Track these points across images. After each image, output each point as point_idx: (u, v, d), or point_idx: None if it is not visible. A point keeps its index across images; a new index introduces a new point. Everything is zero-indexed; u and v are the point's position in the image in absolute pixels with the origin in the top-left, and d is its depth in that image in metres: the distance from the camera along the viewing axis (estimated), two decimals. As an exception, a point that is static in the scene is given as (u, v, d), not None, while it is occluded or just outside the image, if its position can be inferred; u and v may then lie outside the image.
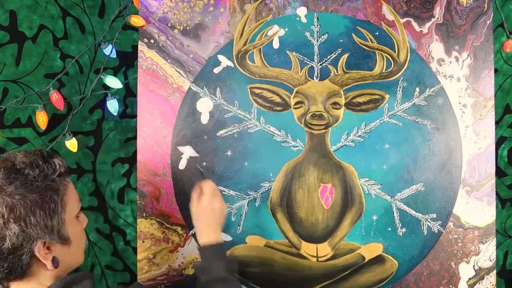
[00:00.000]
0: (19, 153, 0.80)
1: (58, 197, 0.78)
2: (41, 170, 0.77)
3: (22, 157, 0.78)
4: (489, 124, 1.27)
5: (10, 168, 0.75)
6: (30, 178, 0.75)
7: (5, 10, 1.27)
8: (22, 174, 0.75)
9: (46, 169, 0.77)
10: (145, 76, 1.24)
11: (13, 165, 0.76)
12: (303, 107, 1.24)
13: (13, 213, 0.72)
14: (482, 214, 1.27)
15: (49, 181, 0.77)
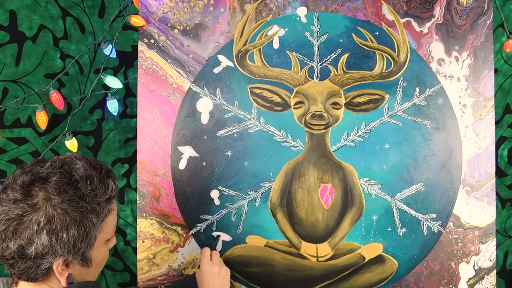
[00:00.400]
0: (80, 160, 0.77)
1: (98, 221, 0.76)
2: (93, 189, 0.75)
3: (81, 167, 0.75)
4: (489, 124, 1.27)
5: (65, 176, 0.73)
6: (79, 194, 0.73)
7: (5, 10, 1.27)
8: (73, 187, 0.73)
9: (98, 189, 0.75)
10: (145, 76, 1.24)
11: (69, 173, 0.74)
12: (303, 107, 1.24)
13: (49, 224, 0.71)
14: (482, 214, 1.27)
15: (95, 203, 0.75)
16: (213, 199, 1.24)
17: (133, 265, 1.34)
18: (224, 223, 1.25)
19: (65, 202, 0.72)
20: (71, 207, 0.72)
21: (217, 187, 1.24)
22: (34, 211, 0.71)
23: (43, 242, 0.72)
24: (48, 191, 0.72)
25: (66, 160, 0.77)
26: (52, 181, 0.72)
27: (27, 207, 0.71)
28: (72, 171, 0.75)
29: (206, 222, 1.25)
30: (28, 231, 0.71)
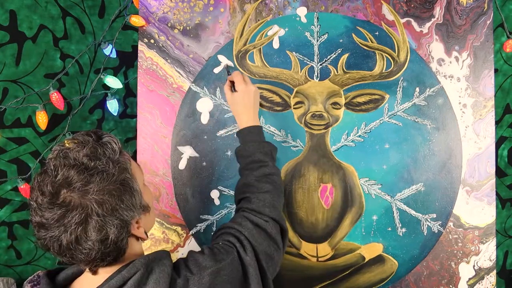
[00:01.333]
0: (70, 143, 0.76)
1: (129, 174, 0.77)
2: (106, 157, 0.75)
3: (79, 148, 0.75)
4: (489, 124, 1.27)
5: (79, 167, 0.72)
6: (102, 168, 0.73)
7: (5, 10, 1.27)
8: (93, 169, 0.73)
9: (108, 153, 0.76)
10: (145, 76, 1.24)
11: (78, 162, 0.73)
12: (303, 107, 1.24)
13: (105, 208, 0.72)
14: (482, 214, 1.27)
15: (117, 163, 0.76)
16: (213, 199, 1.24)
17: (133, 265, 1.33)
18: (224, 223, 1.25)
19: (98, 184, 0.72)
20: (106, 182, 0.73)
21: (217, 187, 1.24)
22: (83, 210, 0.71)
23: (114, 224, 0.73)
24: (76, 188, 0.71)
25: (60, 153, 0.76)
26: (73, 179, 0.72)
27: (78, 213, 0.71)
28: (77, 158, 0.74)
29: (206, 222, 1.25)
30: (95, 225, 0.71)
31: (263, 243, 0.91)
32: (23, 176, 1.26)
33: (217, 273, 0.81)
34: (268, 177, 1.02)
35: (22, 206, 1.31)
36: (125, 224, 0.75)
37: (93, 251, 0.72)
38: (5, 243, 1.31)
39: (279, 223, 0.96)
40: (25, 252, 1.32)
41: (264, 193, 0.99)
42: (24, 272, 1.32)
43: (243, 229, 0.91)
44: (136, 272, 0.75)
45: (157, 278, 0.75)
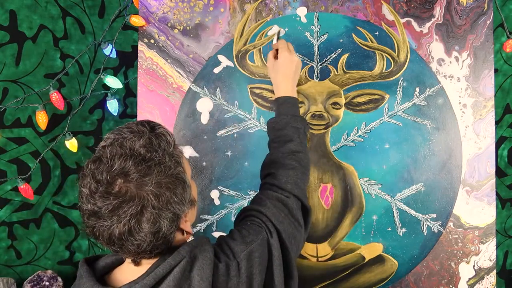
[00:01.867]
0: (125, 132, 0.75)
1: (182, 167, 0.76)
2: (162, 149, 0.74)
3: (135, 138, 0.73)
4: (489, 124, 1.27)
5: (136, 157, 0.71)
6: (158, 161, 0.72)
7: (5, 10, 1.27)
8: (150, 160, 0.71)
9: (163, 145, 0.74)
10: (145, 76, 1.24)
11: (135, 152, 0.72)
12: (303, 107, 1.24)
13: (161, 201, 0.70)
14: (482, 214, 1.27)
15: (172, 156, 0.75)
16: (213, 199, 1.24)
17: (133, 265, 1.34)
18: (224, 223, 1.25)
19: (156, 176, 0.71)
20: (162, 175, 0.71)
21: (217, 187, 1.24)
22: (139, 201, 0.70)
23: (167, 217, 0.72)
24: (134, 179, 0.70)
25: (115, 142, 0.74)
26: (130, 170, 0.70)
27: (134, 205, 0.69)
28: (134, 148, 0.72)
29: (206, 222, 1.25)
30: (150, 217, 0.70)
31: (284, 221, 0.89)
32: (23, 176, 1.26)
33: (249, 256, 0.81)
34: (294, 154, 1.00)
35: (22, 206, 1.31)
36: (176, 218, 0.74)
37: (145, 243, 0.71)
38: (5, 243, 1.31)
39: (301, 200, 0.95)
40: (25, 252, 1.32)
41: (288, 170, 0.97)
42: (24, 272, 1.32)
43: (264, 209, 0.90)
44: (181, 260, 0.74)
45: (201, 264, 0.75)
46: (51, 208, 1.32)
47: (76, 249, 1.33)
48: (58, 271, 1.31)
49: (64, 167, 1.31)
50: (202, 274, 0.74)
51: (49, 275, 1.28)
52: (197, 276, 0.74)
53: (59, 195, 1.32)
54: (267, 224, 0.88)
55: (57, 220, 1.32)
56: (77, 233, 1.33)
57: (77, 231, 1.33)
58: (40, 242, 1.32)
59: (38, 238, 1.32)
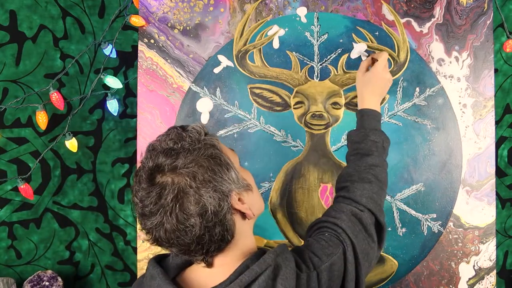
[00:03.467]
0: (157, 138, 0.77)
1: (219, 151, 0.76)
2: (191, 138, 0.74)
3: (164, 137, 0.75)
4: (489, 124, 1.27)
5: (166, 151, 0.73)
6: (187, 146, 0.73)
7: (5, 10, 1.27)
8: (179, 148, 0.73)
9: (193, 135, 0.75)
10: (145, 76, 1.24)
11: (165, 147, 0.73)
12: (303, 107, 1.24)
13: (197, 179, 0.70)
14: (482, 214, 1.27)
15: (203, 141, 0.75)
16: (213, 199, 1.24)
17: (133, 265, 1.34)
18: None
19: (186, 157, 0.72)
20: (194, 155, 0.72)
21: None
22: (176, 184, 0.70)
23: (209, 195, 0.71)
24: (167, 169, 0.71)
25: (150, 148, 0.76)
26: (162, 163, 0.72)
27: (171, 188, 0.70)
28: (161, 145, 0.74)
29: (206, 222, 1.25)
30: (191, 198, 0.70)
31: (359, 236, 0.86)
32: (23, 176, 1.26)
33: (330, 268, 0.78)
34: (372, 168, 0.97)
35: (22, 206, 1.31)
36: (223, 196, 0.72)
37: (196, 227, 0.70)
38: (5, 243, 1.31)
39: (375, 215, 0.91)
40: (25, 252, 1.32)
41: (364, 183, 0.94)
42: (24, 272, 1.32)
43: (339, 221, 0.86)
44: (267, 268, 0.72)
45: (284, 273, 0.73)
46: (51, 208, 1.32)
47: (76, 249, 1.33)
48: (58, 271, 1.31)
49: (64, 167, 1.31)
50: (285, 284, 0.72)
51: (49, 275, 1.28)
52: (280, 285, 0.72)
53: (59, 195, 1.32)
54: (343, 236, 0.84)
55: (57, 220, 1.32)
56: (77, 233, 1.33)
57: (77, 231, 1.33)
58: (40, 242, 1.32)
59: (38, 238, 1.32)
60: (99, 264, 1.34)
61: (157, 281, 0.75)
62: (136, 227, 1.27)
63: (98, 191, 1.33)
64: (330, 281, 0.78)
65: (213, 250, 0.74)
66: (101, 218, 1.33)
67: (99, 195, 1.33)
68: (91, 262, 1.34)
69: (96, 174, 1.32)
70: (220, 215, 0.72)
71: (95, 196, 1.33)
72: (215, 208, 0.71)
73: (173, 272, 0.79)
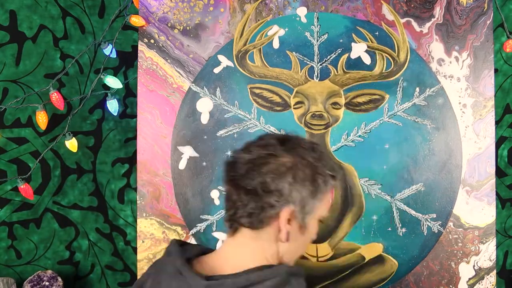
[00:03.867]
0: None
1: (323, 186, 0.79)
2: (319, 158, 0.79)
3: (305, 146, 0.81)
4: (489, 124, 1.27)
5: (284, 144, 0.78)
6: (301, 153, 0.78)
7: (5, 10, 1.27)
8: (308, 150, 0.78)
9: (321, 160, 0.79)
10: (145, 76, 1.24)
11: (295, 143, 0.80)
12: (303, 107, 1.24)
13: (293, 170, 0.75)
14: (482, 214, 1.27)
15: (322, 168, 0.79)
16: (213, 199, 1.24)
17: (133, 265, 1.34)
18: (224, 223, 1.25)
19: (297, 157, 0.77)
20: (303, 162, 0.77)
21: (217, 187, 1.24)
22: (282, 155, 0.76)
23: (284, 184, 0.75)
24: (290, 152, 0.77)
25: None
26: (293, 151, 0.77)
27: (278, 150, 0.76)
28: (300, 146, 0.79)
29: (206, 222, 1.25)
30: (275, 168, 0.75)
31: None
32: (23, 176, 1.26)
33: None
34: None
35: (22, 206, 1.31)
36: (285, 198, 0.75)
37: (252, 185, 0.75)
38: (5, 243, 1.31)
39: None
40: (25, 252, 1.32)
41: None
42: (24, 272, 1.32)
43: None
44: (275, 276, 0.74)
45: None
46: (51, 208, 1.32)
47: (76, 249, 1.33)
48: (58, 271, 1.31)
49: (64, 167, 1.31)
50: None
51: (49, 275, 1.28)
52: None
53: (59, 195, 1.32)
54: None
55: (57, 220, 1.32)
56: (77, 233, 1.33)
57: (77, 231, 1.33)
58: (40, 242, 1.32)
59: (38, 238, 1.32)
60: (99, 264, 1.34)
61: (172, 257, 0.78)
62: (136, 227, 1.27)
63: (98, 191, 1.33)
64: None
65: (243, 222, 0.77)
66: (101, 218, 1.33)
67: (99, 195, 1.33)
68: (91, 262, 1.34)
69: (96, 174, 1.32)
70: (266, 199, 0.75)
71: (95, 196, 1.33)
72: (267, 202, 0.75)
73: (189, 254, 0.81)
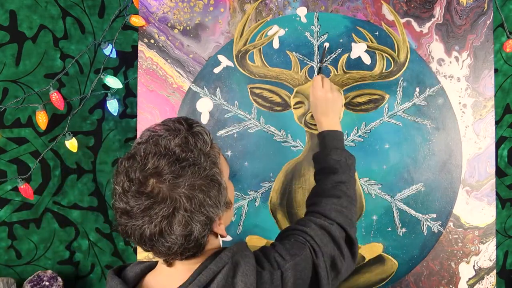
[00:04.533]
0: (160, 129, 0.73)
1: (218, 169, 0.74)
2: (198, 149, 0.71)
3: (170, 137, 0.71)
4: (489, 124, 1.27)
5: (170, 157, 0.69)
6: (193, 161, 0.69)
7: (5, 10, 1.27)
8: (185, 161, 0.69)
9: (199, 145, 0.72)
10: (145, 76, 1.24)
11: (170, 151, 0.69)
12: (303, 107, 1.24)
13: (194, 203, 0.68)
14: (482, 214, 1.27)
15: (208, 157, 0.72)
16: (213, 199, 1.24)
17: (133, 265, 1.34)
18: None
19: (189, 178, 0.69)
20: (196, 176, 0.69)
21: None
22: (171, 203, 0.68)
23: (200, 221, 0.69)
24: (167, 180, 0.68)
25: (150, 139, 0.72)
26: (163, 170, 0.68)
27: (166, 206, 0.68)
28: (169, 147, 0.70)
29: (206, 222, 1.25)
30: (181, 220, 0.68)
31: (328, 245, 0.86)
32: (23, 176, 1.26)
33: (294, 268, 0.78)
34: (338, 184, 0.98)
35: (22, 206, 1.31)
36: (209, 221, 0.71)
37: (176, 246, 0.69)
38: (5, 243, 1.31)
39: (345, 230, 0.91)
40: (25, 252, 1.32)
41: (332, 198, 0.95)
42: (24, 272, 1.32)
43: (308, 229, 0.87)
44: (224, 266, 0.72)
45: (244, 270, 0.73)
46: (51, 208, 1.32)
47: (76, 249, 1.33)
48: (58, 271, 1.31)
49: (64, 167, 1.31)
50: (246, 281, 0.72)
51: (49, 275, 1.28)
52: (241, 282, 0.72)
53: (59, 195, 1.32)
54: (311, 243, 0.84)
55: (57, 220, 1.32)
56: (77, 233, 1.33)
57: (77, 231, 1.33)
58: (40, 242, 1.32)
59: (38, 238, 1.32)
60: (99, 264, 1.34)
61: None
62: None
63: (98, 191, 1.33)
64: (296, 280, 0.78)
65: (179, 258, 0.73)
66: (101, 218, 1.33)
67: (99, 195, 1.33)
68: (91, 262, 1.34)
69: (96, 174, 1.32)
70: (200, 238, 0.71)
71: (95, 196, 1.33)
72: (199, 233, 0.70)
73: (133, 282, 0.78)
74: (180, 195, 0.68)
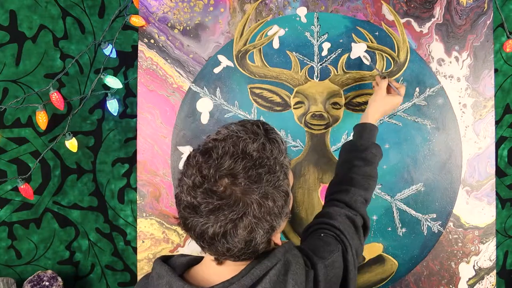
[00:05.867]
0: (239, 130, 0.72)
1: (288, 179, 0.74)
2: (274, 157, 0.71)
3: (249, 140, 0.70)
4: (489, 124, 1.27)
5: (248, 161, 0.68)
6: (268, 168, 0.69)
7: (5, 10, 1.27)
8: (262, 167, 0.68)
9: (275, 153, 0.71)
10: (145, 76, 1.24)
11: (248, 155, 0.68)
12: (303, 107, 1.24)
13: (262, 211, 0.68)
14: (482, 214, 1.27)
15: (282, 167, 0.72)
16: (213, 199, 1.24)
17: (133, 265, 1.34)
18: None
19: (263, 186, 0.68)
20: (270, 185, 0.69)
21: None
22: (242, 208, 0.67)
23: (264, 229, 0.69)
24: (242, 184, 0.67)
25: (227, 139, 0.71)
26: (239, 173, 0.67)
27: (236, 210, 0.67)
28: (246, 150, 0.69)
29: (206, 222, 1.25)
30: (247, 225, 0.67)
31: (354, 238, 0.90)
32: (23, 176, 1.26)
33: (332, 265, 0.80)
34: (369, 177, 1.03)
35: (22, 206, 1.31)
36: (272, 230, 0.71)
37: (235, 249, 0.69)
38: (5, 243, 1.31)
39: (364, 220, 0.97)
40: (25, 252, 1.32)
41: (361, 189, 1.00)
42: (24, 272, 1.32)
43: (336, 222, 0.90)
44: (277, 262, 0.72)
45: (295, 269, 0.73)
46: (51, 208, 1.32)
47: (76, 249, 1.33)
48: (58, 271, 1.31)
49: (64, 167, 1.31)
50: (296, 279, 0.73)
51: (49, 275, 1.28)
52: (291, 280, 0.72)
53: (59, 195, 1.32)
54: (341, 237, 0.87)
55: (57, 220, 1.32)
56: (77, 233, 1.33)
57: (77, 231, 1.33)
58: (40, 242, 1.32)
59: (38, 238, 1.32)
60: (99, 264, 1.34)
61: (166, 278, 0.73)
62: (136, 227, 1.27)
63: (98, 191, 1.33)
64: (333, 277, 0.79)
65: (232, 259, 0.73)
66: (101, 218, 1.33)
67: (99, 195, 1.33)
68: (91, 262, 1.34)
69: (96, 174, 1.32)
70: (259, 244, 0.71)
71: (95, 196, 1.33)
72: (260, 240, 0.70)
73: (179, 270, 0.78)
74: (252, 200, 0.67)
